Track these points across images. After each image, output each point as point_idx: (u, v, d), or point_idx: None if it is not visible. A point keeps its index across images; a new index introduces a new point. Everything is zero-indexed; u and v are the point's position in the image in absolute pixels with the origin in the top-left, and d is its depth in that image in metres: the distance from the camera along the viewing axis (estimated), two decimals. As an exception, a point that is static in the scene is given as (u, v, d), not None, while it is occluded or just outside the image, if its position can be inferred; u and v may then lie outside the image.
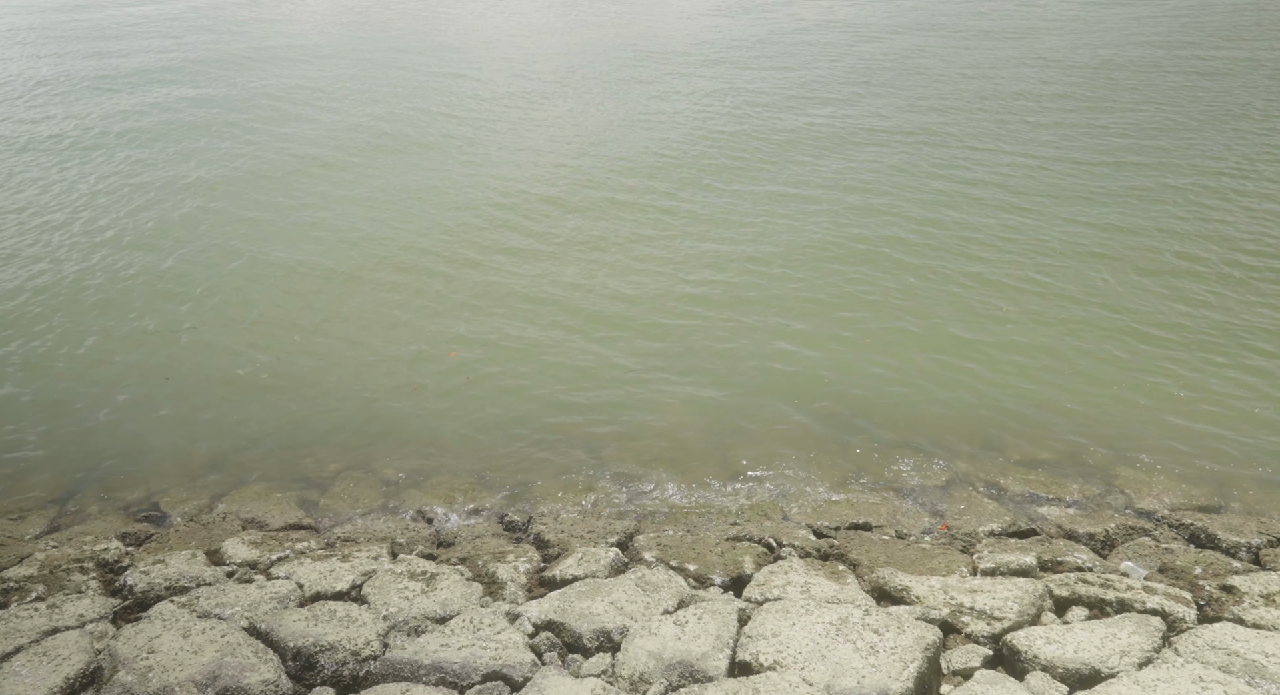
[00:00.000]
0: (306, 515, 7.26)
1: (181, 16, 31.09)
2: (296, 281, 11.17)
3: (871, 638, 4.83)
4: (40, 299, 10.89)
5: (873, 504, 7.15)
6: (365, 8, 31.94)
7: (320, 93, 20.34)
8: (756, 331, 9.69)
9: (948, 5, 26.33)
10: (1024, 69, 19.28)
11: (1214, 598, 5.50)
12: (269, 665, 4.88)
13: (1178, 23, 22.46)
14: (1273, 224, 11.40)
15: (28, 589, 5.80)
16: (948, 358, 9.06)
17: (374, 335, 9.91)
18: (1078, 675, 4.68)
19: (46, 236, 12.72)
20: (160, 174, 15.24)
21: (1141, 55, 19.68)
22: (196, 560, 6.18)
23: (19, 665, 4.89)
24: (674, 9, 28.73)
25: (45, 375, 9.31)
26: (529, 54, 23.70)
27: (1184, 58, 19.25)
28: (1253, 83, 17.25)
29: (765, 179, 14.01)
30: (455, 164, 15.35)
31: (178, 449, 8.12)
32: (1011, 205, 12.50)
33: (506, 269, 11.33)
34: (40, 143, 17.07)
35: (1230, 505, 7.00)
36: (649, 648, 4.91)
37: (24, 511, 7.27)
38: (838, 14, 26.40)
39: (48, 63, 24.02)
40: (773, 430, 8.15)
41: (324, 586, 5.80)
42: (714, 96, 18.63)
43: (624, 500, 7.35)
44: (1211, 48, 19.86)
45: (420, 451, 8.05)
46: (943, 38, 22.68)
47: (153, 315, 10.47)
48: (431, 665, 4.90)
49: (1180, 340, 9.12)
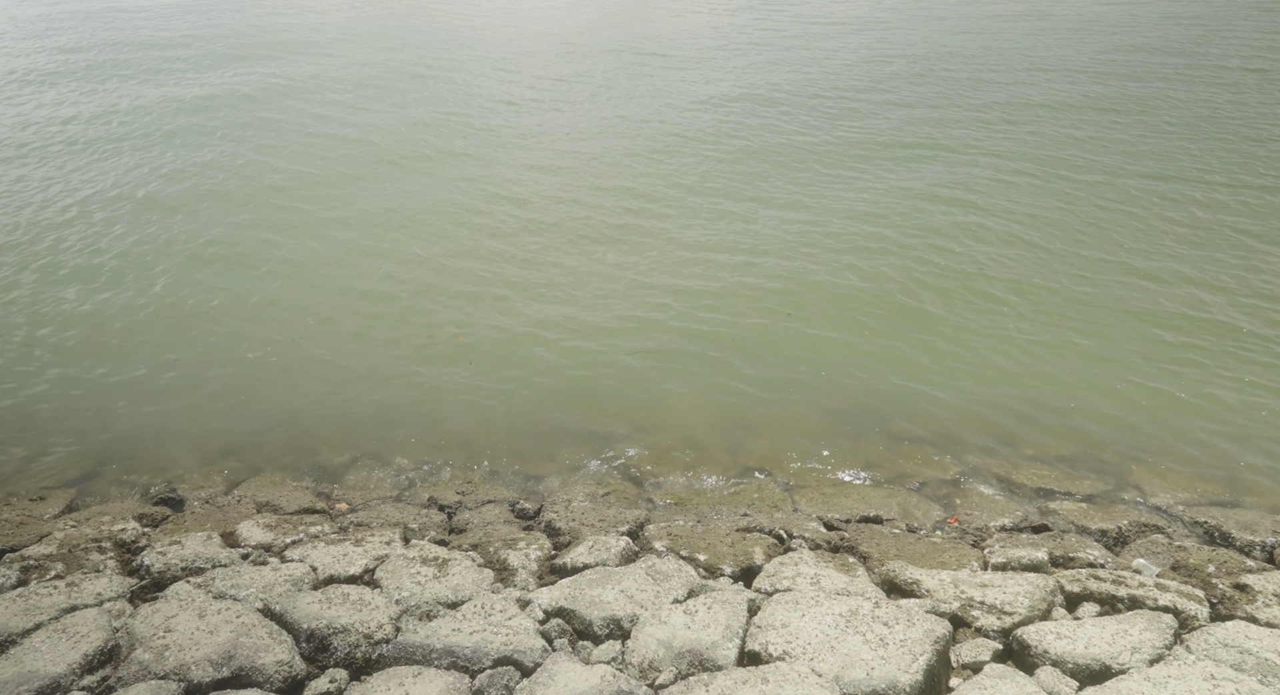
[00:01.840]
0: (319, 500, 7.32)
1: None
2: (310, 268, 11.23)
3: (881, 630, 4.84)
4: (58, 283, 11.01)
5: (883, 497, 7.14)
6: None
7: (327, 82, 20.37)
8: (769, 324, 9.68)
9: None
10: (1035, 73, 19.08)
11: (1227, 596, 5.47)
12: (283, 646, 4.94)
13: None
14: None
15: (47, 567, 5.88)
16: (960, 352, 9.03)
17: (393, 326, 9.95)
18: (1088, 671, 4.67)
19: (55, 223, 12.84)
20: (168, 159, 15.33)
21: (1170, 60, 19.42)
22: (212, 542, 6.25)
23: (39, 641, 4.97)
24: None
25: (64, 359, 9.41)
26: (541, 55, 23.64)
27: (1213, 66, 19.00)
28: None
29: (776, 174, 13.95)
30: (469, 153, 15.36)
31: (194, 433, 8.20)
32: (1022, 204, 12.41)
33: (521, 260, 11.35)
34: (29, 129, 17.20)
35: (1244, 503, 6.96)
36: (659, 636, 4.94)
37: (44, 491, 7.37)
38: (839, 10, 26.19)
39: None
40: (784, 422, 8.15)
41: (337, 570, 5.86)
42: (731, 91, 18.54)
43: (635, 490, 7.37)
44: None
45: (433, 439, 8.10)
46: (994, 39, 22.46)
47: (169, 300, 10.55)
48: (443, 649, 4.95)
49: (1195, 338, 9.05)
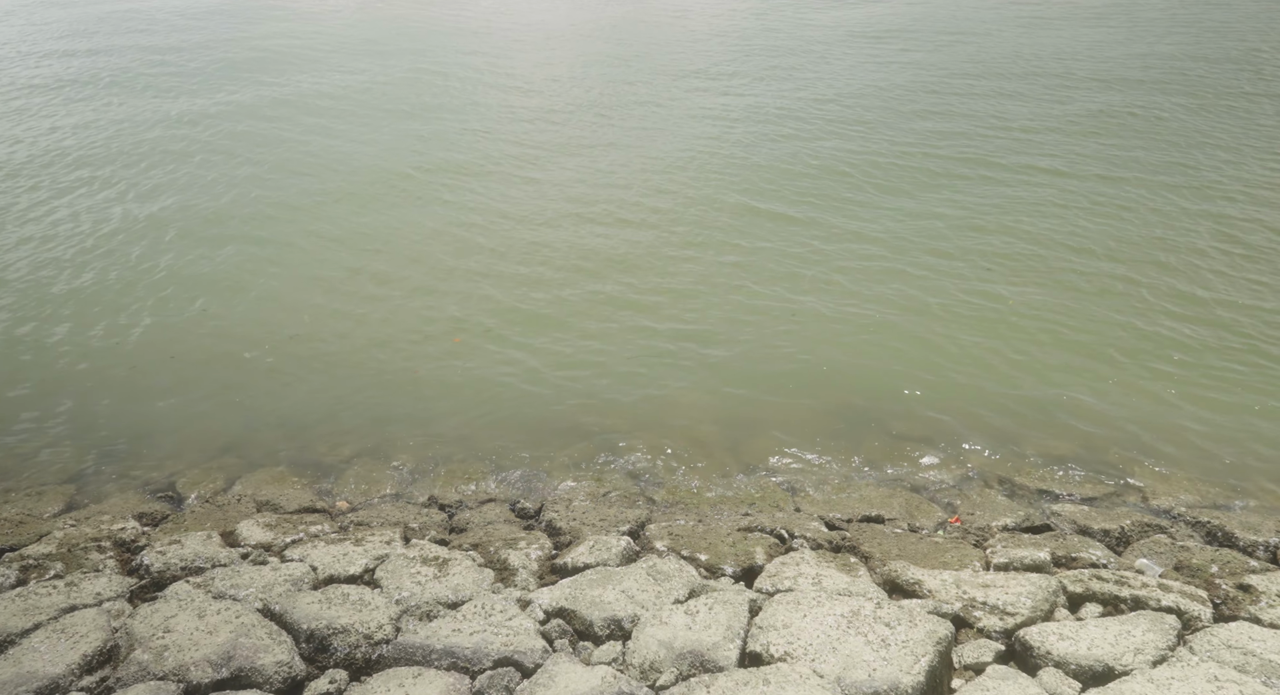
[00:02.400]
0: (320, 498, 7.30)
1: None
2: (309, 266, 11.20)
3: (883, 631, 4.82)
4: (55, 282, 10.99)
5: (885, 496, 7.12)
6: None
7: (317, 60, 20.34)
8: (771, 324, 9.65)
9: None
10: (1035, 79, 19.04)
11: (1230, 597, 5.45)
12: (283, 647, 4.92)
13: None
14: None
15: (46, 567, 5.86)
16: (961, 352, 9.00)
17: (390, 324, 9.93)
18: (1091, 672, 4.65)
19: (58, 221, 12.82)
20: (163, 156, 15.31)
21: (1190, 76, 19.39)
22: (212, 541, 6.23)
23: (38, 641, 4.95)
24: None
25: (62, 356, 9.39)
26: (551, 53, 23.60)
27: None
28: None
29: (778, 174, 13.92)
30: (472, 148, 15.34)
31: (193, 431, 8.18)
32: (1027, 203, 12.38)
33: (522, 262, 11.32)
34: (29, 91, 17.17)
35: (1248, 503, 6.93)
36: (660, 637, 4.92)
37: (42, 490, 7.35)
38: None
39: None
40: (785, 421, 8.13)
41: (337, 570, 5.84)
42: (749, 94, 18.50)
43: (635, 489, 7.35)
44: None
45: (433, 439, 8.08)
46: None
47: (164, 299, 10.53)
48: (443, 650, 4.93)
49: (1199, 337, 9.02)
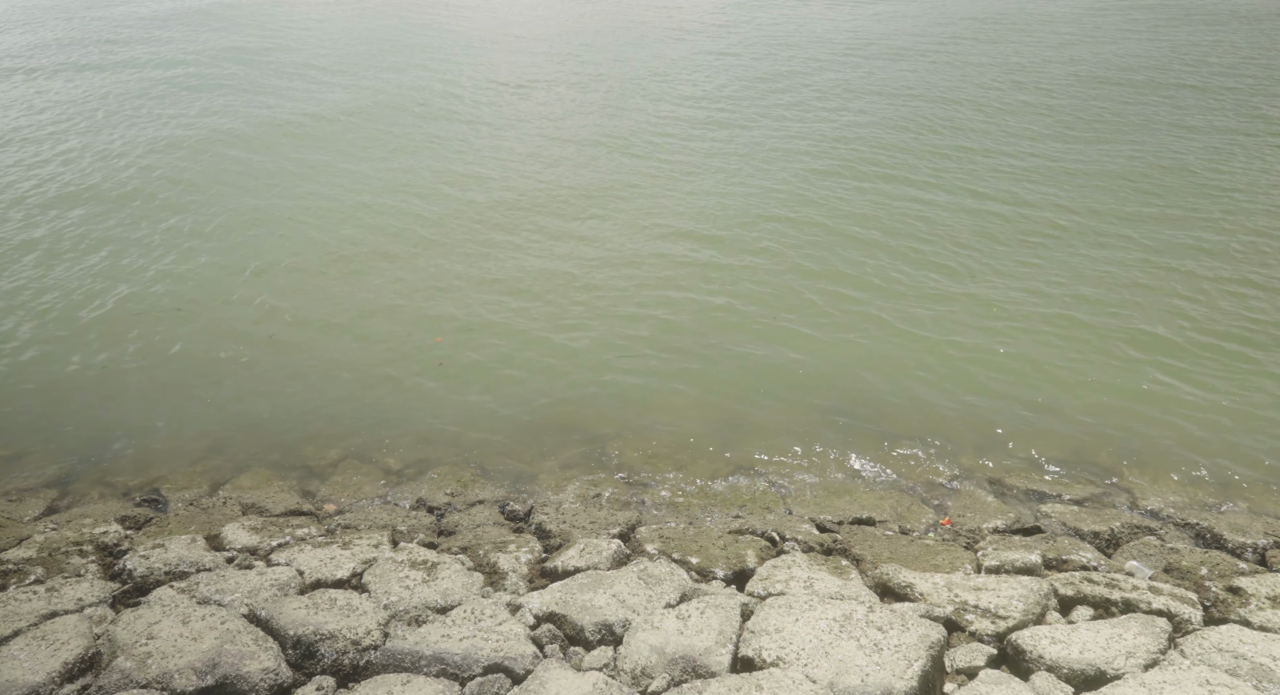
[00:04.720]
0: (306, 500, 7.22)
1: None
2: (295, 266, 11.09)
3: (875, 635, 4.79)
4: (41, 280, 10.83)
5: (876, 498, 7.11)
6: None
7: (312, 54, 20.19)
8: (761, 326, 9.62)
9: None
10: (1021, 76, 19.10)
11: (1220, 599, 5.46)
12: (269, 653, 4.85)
13: None
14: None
15: (26, 571, 5.75)
16: (953, 355, 9.01)
17: (374, 323, 9.84)
18: (1083, 676, 4.64)
19: (45, 216, 12.64)
20: (157, 157, 15.14)
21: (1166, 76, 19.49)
22: (196, 545, 6.14)
23: (17, 649, 4.85)
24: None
25: (44, 357, 9.25)
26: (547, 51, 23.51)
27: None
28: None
29: (770, 173, 13.90)
30: (463, 150, 15.23)
31: (178, 433, 8.08)
32: (1023, 207, 12.41)
33: (510, 261, 11.25)
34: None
35: (1236, 505, 6.96)
36: (651, 642, 4.87)
37: (23, 493, 7.24)
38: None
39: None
40: (776, 424, 8.10)
41: (324, 574, 5.76)
42: (730, 87, 18.47)
43: (626, 491, 7.30)
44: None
45: (421, 440, 8.00)
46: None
47: (144, 300, 10.40)
48: (432, 656, 4.87)
49: (1188, 341, 9.06)
